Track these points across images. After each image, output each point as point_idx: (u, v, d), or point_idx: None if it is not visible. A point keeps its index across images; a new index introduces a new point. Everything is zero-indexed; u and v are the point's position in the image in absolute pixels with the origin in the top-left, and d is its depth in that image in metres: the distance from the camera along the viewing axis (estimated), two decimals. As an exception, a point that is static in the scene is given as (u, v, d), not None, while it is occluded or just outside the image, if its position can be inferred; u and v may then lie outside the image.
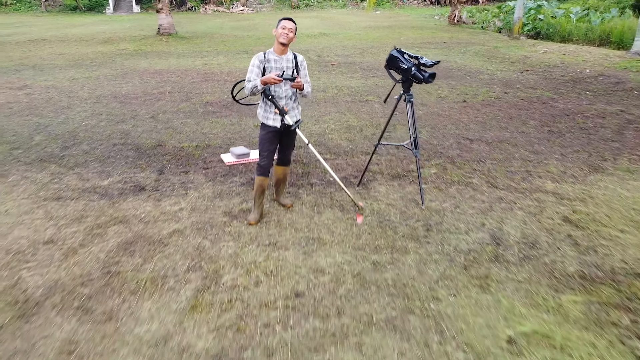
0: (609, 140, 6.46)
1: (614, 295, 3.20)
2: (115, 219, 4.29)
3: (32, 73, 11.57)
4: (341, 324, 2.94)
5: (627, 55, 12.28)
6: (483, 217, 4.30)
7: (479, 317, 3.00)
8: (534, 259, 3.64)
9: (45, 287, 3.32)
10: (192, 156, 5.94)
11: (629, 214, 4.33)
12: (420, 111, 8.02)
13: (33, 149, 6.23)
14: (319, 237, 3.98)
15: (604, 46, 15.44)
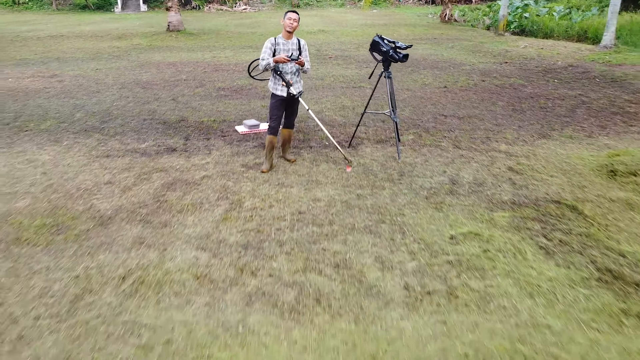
0: (562, 116, 7.57)
1: (532, 213, 4.32)
2: (156, 169, 5.40)
3: (57, 65, 12.66)
4: (332, 229, 4.06)
5: (596, 48, 13.38)
6: (445, 167, 5.42)
7: (431, 224, 4.12)
8: (479, 193, 4.76)
9: (112, 209, 4.44)
10: (211, 127, 7.05)
11: (560, 165, 5.45)
12: (405, 95, 9.13)
13: (76, 122, 7.33)
14: (316, 179, 5.09)
15: (582, 42, 16.51)
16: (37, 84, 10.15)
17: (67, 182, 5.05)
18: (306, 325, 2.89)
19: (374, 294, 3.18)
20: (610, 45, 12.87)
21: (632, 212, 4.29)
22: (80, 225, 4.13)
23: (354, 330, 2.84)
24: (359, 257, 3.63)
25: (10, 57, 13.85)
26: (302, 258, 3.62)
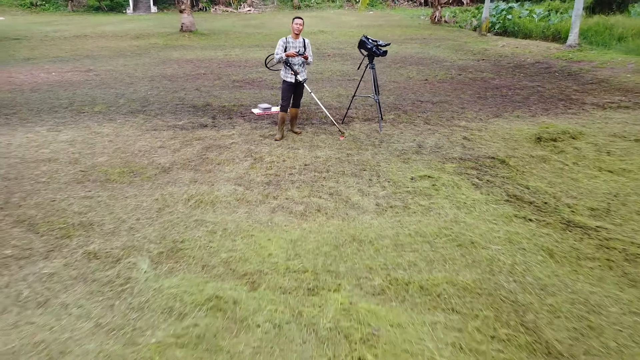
0: (517, 102, 9.17)
1: (472, 164, 5.92)
2: (194, 138, 6.99)
3: (89, 61, 14.24)
4: (328, 174, 5.65)
5: (563, 47, 14.95)
6: (415, 137, 7.01)
7: (399, 171, 5.71)
8: (437, 152, 6.35)
9: (169, 163, 6.03)
10: (232, 110, 8.64)
11: (503, 135, 7.04)
12: (391, 86, 10.72)
13: (122, 106, 8.92)
14: (317, 145, 6.69)
15: (556, 41, 18.09)
16: (77, 77, 11.73)
17: (129, 146, 6.64)
18: (311, 221, 4.48)
19: (355, 207, 4.78)
20: (575, 44, 14.45)
21: (544, 164, 5.88)
22: (148, 172, 5.72)
23: (342, 224, 4.44)
24: (346, 189, 5.22)
25: (44, 55, 15.43)
26: (307, 190, 5.21)
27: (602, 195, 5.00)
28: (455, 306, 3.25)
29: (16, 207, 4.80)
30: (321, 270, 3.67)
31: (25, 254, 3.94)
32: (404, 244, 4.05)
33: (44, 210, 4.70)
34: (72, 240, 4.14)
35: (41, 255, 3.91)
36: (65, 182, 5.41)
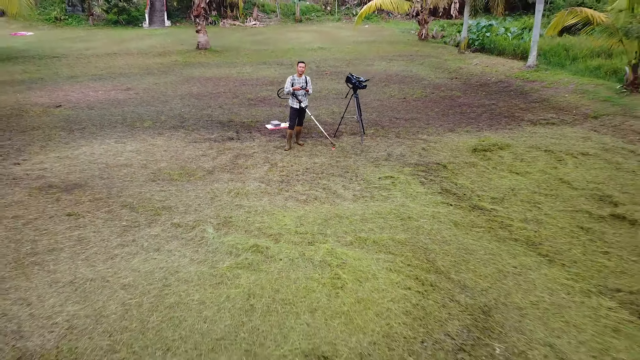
0: (471, 118, 11.58)
1: (423, 168, 8.32)
2: (226, 148, 9.40)
3: (125, 79, 16.66)
4: (322, 175, 8.05)
5: (523, 67, 17.33)
6: (387, 147, 9.43)
7: (371, 173, 8.12)
8: (400, 159, 8.76)
9: (211, 167, 8.43)
10: (251, 125, 11.06)
11: (451, 146, 9.45)
12: (375, 103, 13.13)
13: (165, 122, 11.34)
14: (315, 153, 9.10)
15: (524, 60, 20.43)
16: (121, 96, 14.16)
17: (180, 154, 9.07)
18: (310, 205, 6.90)
19: (339, 197, 7.19)
20: (533, 65, 16.83)
21: (472, 168, 8.29)
22: (198, 173, 8.14)
23: (330, 207, 6.85)
24: (334, 185, 7.64)
25: (84, 73, 17.85)
26: (308, 185, 7.62)
27: (503, 189, 7.42)
28: (391, 250, 5.66)
29: (117, 197, 7.22)
30: (316, 232, 6.09)
31: (135, 224, 6.35)
32: (367, 219, 6.46)
33: (137, 199, 7.12)
34: (161, 217, 6.56)
35: (146, 225, 6.32)
36: (143, 181, 7.83)
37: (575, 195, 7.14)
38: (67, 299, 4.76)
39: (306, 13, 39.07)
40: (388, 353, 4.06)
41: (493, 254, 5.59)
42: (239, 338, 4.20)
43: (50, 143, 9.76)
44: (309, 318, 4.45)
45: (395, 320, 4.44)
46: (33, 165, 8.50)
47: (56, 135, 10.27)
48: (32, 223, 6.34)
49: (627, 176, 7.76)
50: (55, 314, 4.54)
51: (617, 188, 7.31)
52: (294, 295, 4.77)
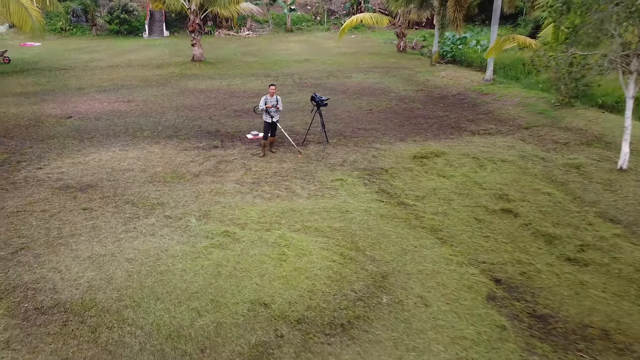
0: (422, 129, 13.39)
1: (369, 172, 10.13)
2: (211, 155, 11.19)
3: (126, 91, 18.43)
4: (287, 178, 9.84)
5: (482, 80, 19.14)
6: (344, 155, 11.22)
7: (326, 175, 9.91)
8: (353, 165, 10.56)
9: (198, 171, 10.23)
10: (234, 135, 12.85)
11: (397, 154, 11.24)
12: (344, 115, 14.93)
13: (161, 132, 13.12)
14: (283, 160, 10.91)
15: (488, 71, 22.22)
16: (123, 107, 15.94)
17: (172, 161, 10.86)
18: (273, 202, 8.69)
19: (297, 195, 9.00)
20: (490, 78, 18.64)
21: (408, 172, 10.10)
22: (187, 176, 9.93)
23: (288, 203, 8.65)
24: (294, 186, 9.43)
25: (91, 85, 19.62)
26: (274, 186, 9.42)
27: (427, 189, 9.23)
28: (327, 235, 7.46)
29: (121, 195, 9.01)
30: (273, 222, 7.89)
31: (136, 216, 8.14)
32: (315, 212, 8.26)
33: (137, 197, 8.91)
34: (156, 210, 8.35)
35: (144, 217, 8.12)
36: (142, 182, 9.63)
37: (481, 194, 8.96)
38: (87, 268, 6.56)
39: (297, 23, 40.86)
40: (309, 301, 5.86)
41: (402, 238, 7.41)
42: (207, 292, 6.01)
43: (65, 150, 11.56)
44: (258, 280, 6.25)
45: (319, 281, 6.24)
46: (52, 170, 10.29)
47: (69, 144, 12.06)
48: (56, 215, 8.14)
49: (528, 179, 9.59)
50: (78, 278, 6.34)
51: (515, 188, 9.14)
52: (250, 265, 6.58)
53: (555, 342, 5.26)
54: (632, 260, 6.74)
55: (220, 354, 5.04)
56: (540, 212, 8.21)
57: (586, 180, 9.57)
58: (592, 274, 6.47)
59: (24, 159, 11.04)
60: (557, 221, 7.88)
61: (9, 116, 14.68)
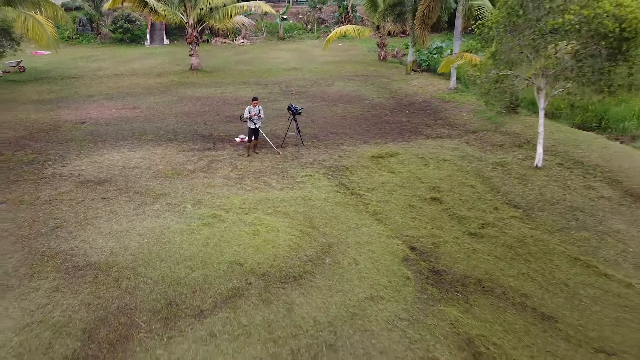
0: (385, 133, 15.48)
1: (333, 169, 12.21)
2: (205, 155, 13.27)
3: (131, 99, 20.46)
4: (265, 174, 11.94)
5: (446, 89, 21.22)
6: (315, 155, 13.31)
7: (298, 172, 12.00)
8: (321, 163, 12.64)
9: (194, 169, 12.30)
10: (224, 138, 14.92)
11: (359, 155, 13.34)
12: (321, 120, 17.01)
13: (162, 136, 15.18)
14: (264, 159, 12.99)
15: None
16: (129, 114, 17.98)
17: (172, 160, 12.92)
18: (252, 193, 10.77)
19: (272, 187, 11.08)
20: (453, 87, 20.72)
21: (365, 169, 12.19)
22: (184, 173, 12.00)
23: (264, 193, 10.72)
24: (271, 180, 11.51)
25: (98, 92, 21.64)
26: (254, 180, 11.50)
27: (377, 183, 11.33)
28: (292, 217, 9.54)
29: (132, 187, 11.07)
30: (251, 207, 9.96)
31: (144, 203, 10.21)
32: (284, 200, 10.35)
33: (144, 189, 10.98)
34: (159, 199, 10.42)
35: (150, 204, 10.19)
36: (148, 177, 11.70)
37: (419, 187, 11.07)
38: (108, 240, 8.63)
39: (289, 31, 42.88)
40: (272, 262, 7.94)
41: (349, 219, 9.50)
42: (198, 256, 8.08)
43: (82, 151, 13.61)
44: (236, 248, 8.33)
45: (281, 249, 8.33)
46: (74, 167, 12.35)
47: (86, 146, 14.12)
48: (81, 203, 10.21)
49: (460, 175, 11.70)
50: (102, 247, 8.41)
51: (447, 182, 11.25)
52: (231, 238, 8.66)
53: (441, 287, 7.37)
54: (517, 234, 8.86)
55: (207, 293, 7.13)
56: (460, 200, 10.33)
57: (506, 176, 11.69)
58: (484, 243, 8.59)
59: (49, 158, 13.08)
60: (471, 207, 10.00)
61: (31, 121, 16.72)
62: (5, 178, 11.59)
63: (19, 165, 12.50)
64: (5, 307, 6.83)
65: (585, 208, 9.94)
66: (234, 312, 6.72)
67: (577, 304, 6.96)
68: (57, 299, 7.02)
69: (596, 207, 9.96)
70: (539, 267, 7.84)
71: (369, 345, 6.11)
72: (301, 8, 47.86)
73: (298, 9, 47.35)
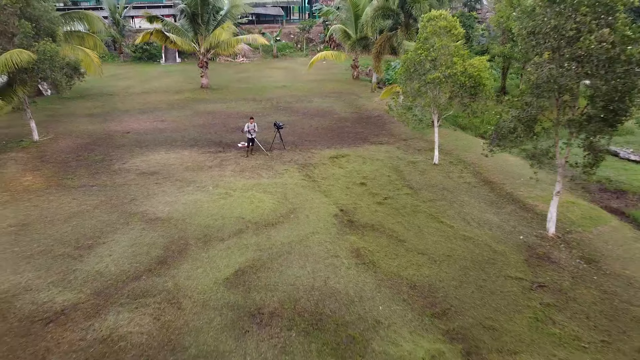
0: (344, 140, 21.14)
1: (303, 166, 17.88)
2: (217, 157, 18.90)
3: (159, 113, 26.04)
4: (258, 169, 17.61)
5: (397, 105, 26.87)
6: (292, 156, 18.96)
7: (279, 167, 17.66)
8: (295, 162, 18.30)
9: (210, 165, 17.95)
10: (230, 144, 20.56)
11: (321, 156, 18.98)
12: (299, 131, 22.65)
13: (187, 142, 20.81)
14: (258, 159, 18.64)
15: (410, 97, 29.94)
16: (160, 125, 23.59)
17: (196, 159, 18.55)
18: (249, 180, 16.43)
19: (262, 177, 16.74)
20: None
21: (325, 166, 17.85)
22: (205, 168, 17.63)
23: (257, 181, 16.37)
24: (262, 172, 17.16)
25: (133, 108, 27.20)
26: (251, 173, 17.15)
27: (329, 174, 16.98)
28: (273, 194, 15.19)
29: (172, 177, 16.71)
30: (248, 189, 15.61)
31: (182, 187, 15.85)
32: (269, 185, 16.01)
33: (181, 177, 16.62)
34: (191, 184, 16.07)
35: (186, 186, 15.83)
36: (182, 170, 17.33)
37: (355, 176, 16.74)
38: (165, 206, 14.29)
39: (282, 50, 48.47)
40: (260, 218, 13.61)
41: (308, 195, 15.17)
42: (219, 214, 13.75)
43: (134, 153, 19.22)
44: (240, 210, 13.99)
45: (266, 211, 13.99)
46: (131, 164, 17.97)
47: (135, 150, 19.72)
48: (143, 186, 15.85)
49: (384, 169, 17.38)
50: (162, 209, 14.07)
51: (373, 174, 16.93)
52: (237, 205, 14.32)
53: (351, 228, 13.05)
54: (404, 203, 14.56)
55: (224, 231, 12.80)
56: (378, 184, 16.02)
57: (413, 170, 17.40)
58: (383, 208, 14.29)
59: (113, 158, 18.69)
60: (382, 188, 15.69)
61: (90, 132, 22.31)
62: (89, 171, 17.22)
63: (94, 163, 18.13)
64: (118, 240, 12.47)
65: (452, 188, 15.67)
66: (239, 239, 12.39)
67: (421, 235, 12.68)
68: (144, 234, 12.67)
69: (458, 188, 15.69)
70: (408, 219, 13.55)
71: (308, 252, 11.78)
72: (292, 28, 53.50)
73: (290, 30, 52.96)
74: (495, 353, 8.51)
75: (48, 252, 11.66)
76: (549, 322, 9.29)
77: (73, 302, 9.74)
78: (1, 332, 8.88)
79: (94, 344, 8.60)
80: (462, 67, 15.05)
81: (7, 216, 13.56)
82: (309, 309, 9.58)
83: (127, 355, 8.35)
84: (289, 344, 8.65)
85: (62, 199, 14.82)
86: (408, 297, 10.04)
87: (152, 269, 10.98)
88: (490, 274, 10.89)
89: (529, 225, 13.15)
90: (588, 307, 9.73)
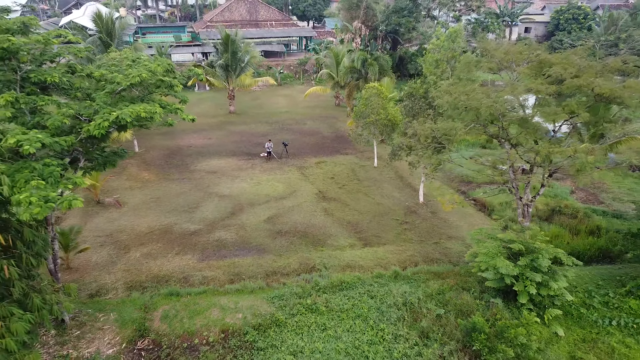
0: (324, 151, 31.99)
1: (300, 167, 28.74)
2: (250, 162, 29.75)
3: (206, 132, 36.77)
4: (272, 170, 28.45)
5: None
6: (293, 162, 29.81)
7: (285, 169, 28.52)
8: (295, 165, 29.16)
9: (246, 167, 28.82)
10: (255, 154, 31.40)
11: (311, 162, 29.82)
12: (297, 145, 33.47)
13: (229, 153, 31.63)
14: (272, 164, 29.51)
15: (373, 120, 40.77)
16: (209, 142, 34.39)
17: (237, 164, 29.41)
18: (267, 176, 27.31)
19: (275, 174, 27.61)
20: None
21: (313, 167, 28.70)
22: (242, 170, 28.50)
23: (269, 177, 27.26)
24: (274, 172, 28.02)
25: (186, 128, 37.83)
26: (269, 172, 28.01)
27: (315, 172, 27.88)
28: (282, 182, 26.10)
29: (227, 174, 27.58)
30: (264, 181, 26.49)
31: (233, 179, 26.72)
32: (277, 179, 26.89)
33: (230, 174, 27.48)
34: (237, 178, 26.97)
35: (234, 179, 26.71)
36: (230, 170, 28.19)
37: (329, 174, 27.63)
38: (227, 189, 25.22)
39: (284, 79, 59.27)
40: (276, 194, 24.50)
41: (301, 184, 26.09)
42: (255, 193, 24.71)
43: (199, 160, 30.04)
44: (267, 191, 24.90)
45: (278, 191, 24.91)
46: (200, 167, 28.82)
47: (198, 158, 30.53)
48: (210, 179, 26.76)
49: (346, 170, 28.28)
50: (225, 191, 25.03)
51: (339, 173, 27.81)
52: (264, 189, 25.27)
53: (325, 200, 23.98)
54: (354, 188, 25.51)
55: (259, 200, 23.74)
56: (341, 178, 26.91)
57: (362, 170, 28.29)
58: (341, 190, 25.21)
59: (186, 163, 29.48)
60: (343, 180, 26.59)
61: (167, 146, 33.08)
62: (178, 170, 28.08)
63: (178, 166, 28.98)
64: (207, 206, 23.30)
65: (380, 180, 26.60)
66: (267, 204, 23.30)
67: (357, 202, 23.59)
68: (220, 202, 23.56)
69: (383, 180, 26.62)
70: (353, 195, 24.46)
71: (301, 210, 22.67)
72: (292, 60, 64.28)
73: (290, 62, 63.75)
74: (377, 245, 19.45)
75: (177, 210, 22.52)
76: (403, 234, 20.25)
77: (198, 228, 20.64)
78: (172, 238, 19.78)
79: (212, 242, 19.50)
80: (385, 115, 25.93)
81: (147, 194, 24.42)
82: (301, 230, 20.51)
83: (228, 244, 19.25)
84: (293, 242, 19.55)
85: (170, 185, 25.65)
86: (346, 226, 20.97)
87: (228, 217, 21.87)
88: (385, 218, 21.84)
89: (412, 198, 24.11)
90: (422, 229, 20.73)
